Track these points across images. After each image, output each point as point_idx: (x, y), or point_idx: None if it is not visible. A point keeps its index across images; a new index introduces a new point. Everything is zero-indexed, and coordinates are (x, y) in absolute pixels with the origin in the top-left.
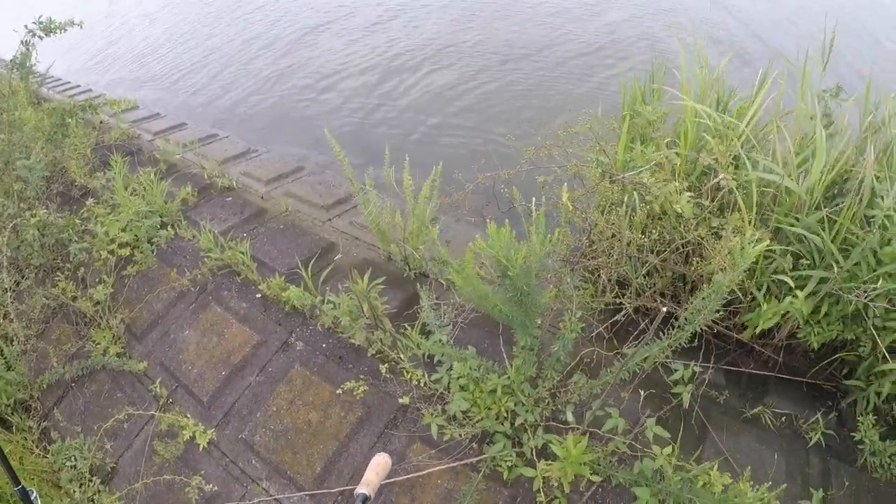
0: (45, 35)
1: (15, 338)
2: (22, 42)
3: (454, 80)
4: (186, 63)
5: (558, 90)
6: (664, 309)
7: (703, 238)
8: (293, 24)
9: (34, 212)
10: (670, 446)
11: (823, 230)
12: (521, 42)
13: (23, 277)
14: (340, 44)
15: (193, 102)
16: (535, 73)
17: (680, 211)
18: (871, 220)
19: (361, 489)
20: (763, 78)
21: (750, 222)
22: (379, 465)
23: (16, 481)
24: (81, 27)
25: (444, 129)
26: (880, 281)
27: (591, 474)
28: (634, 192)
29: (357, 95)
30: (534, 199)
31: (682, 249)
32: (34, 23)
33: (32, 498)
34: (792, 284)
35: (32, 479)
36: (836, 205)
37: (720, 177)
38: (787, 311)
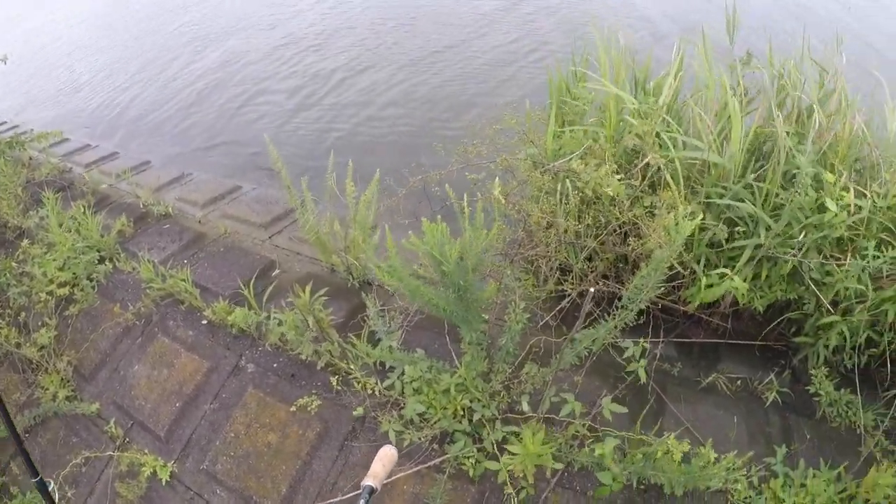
0: None
1: None
2: None
3: (377, 86)
4: (111, 91)
5: (480, 87)
6: (592, 289)
7: (638, 217)
8: (210, 44)
9: None
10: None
11: (753, 195)
12: (443, 42)
13: None
14: (261, 59)
15: (121, 131)
16: (457, 72)
17: (612, 193)
18: (792, 179)
19: (368, 481)
20: (679, 54)
21: (681, 197)
22: (385, 457)
23: (34, 472)
24: (5, 62)
25: (369, 135)
26: (807, 233)
27: (553, 462)
28: (566, 180)
29: (279, 109)
30: (465, 195)
31: (619, 231)
32: None
33: (50, 489)
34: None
35: None
36: (761, 167)
37: (649, 156)
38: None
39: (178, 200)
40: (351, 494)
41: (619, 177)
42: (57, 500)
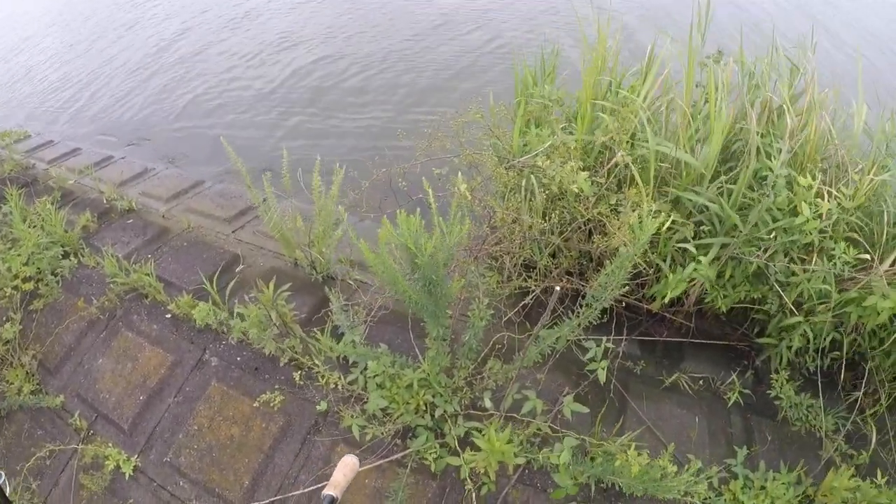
0: None
1: None
2: None
3: (338, 76)
4: (73, 86)
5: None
6: (558, 287)
7: (603, 215)
8: (172, 37)
9: None
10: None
11: (721, 196)
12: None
13: None
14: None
15: (83, 126)
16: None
17: (578, 190)
18: (763, 180)
19: (329, 491)
20: (650, 53)
21: (648, 195)
22: (346, 466)
23: None
24: None
25: (334, 128)
26: (776, 237)
27: (515, 459)
28: (532, 176)
29: (240, 102)
30: (430, 190)
31: (583, 228)
32: None
33: (1, 482)
34: (695, 251)
35: None
36: (730, 168)
37: (618, 154)
38: (694, 279)
39: (142, 195)
40: (312, 487)
41: (585, 174)
42: (9, 493)
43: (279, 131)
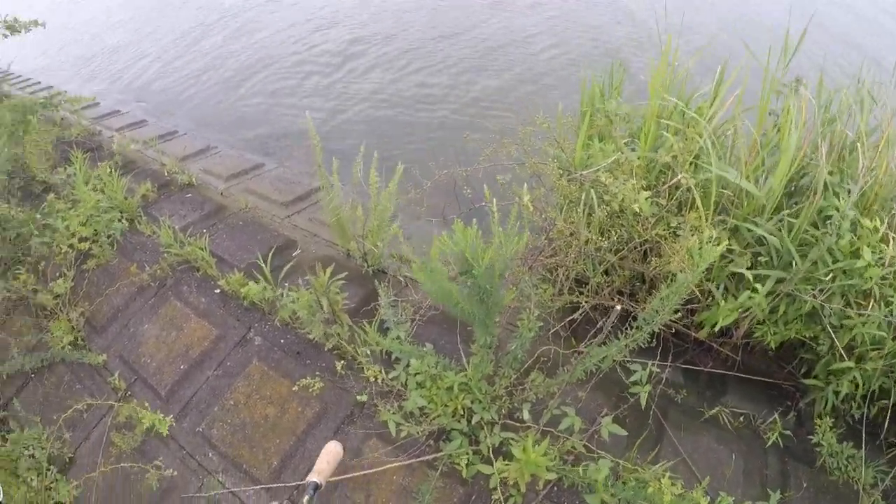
0: (10, 34)
1: None
2: None
3: (417, 75)
4: (147, 61)
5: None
6: (618, 307)
7: (661, 237)
8: (244, 21)
9: None
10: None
11: (781, 230)
12: (486, 35)
13: None
14: (294, 40)
15: (152, 98)
16: (501, 70)
17: (638, 210)
18: (827, 219)
19: (313, 477)
20: (720, 76)
21: (708, 221)
22: (330, 454)
23: None
24: (45, 27)
25: (403, 126)
26: (834, 278)
27: (547, 474)
28: (592, 191)
29: (310, 91)
30: (494, 199)
31: (639, 248)
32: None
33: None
34: (751, 278)
35: None
36: (795, 203)
37: (679, 176)
38: (745, 309)
39: (203, 172)
40: (338, 477)
41: (646, 194)
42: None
43: (347, 123)
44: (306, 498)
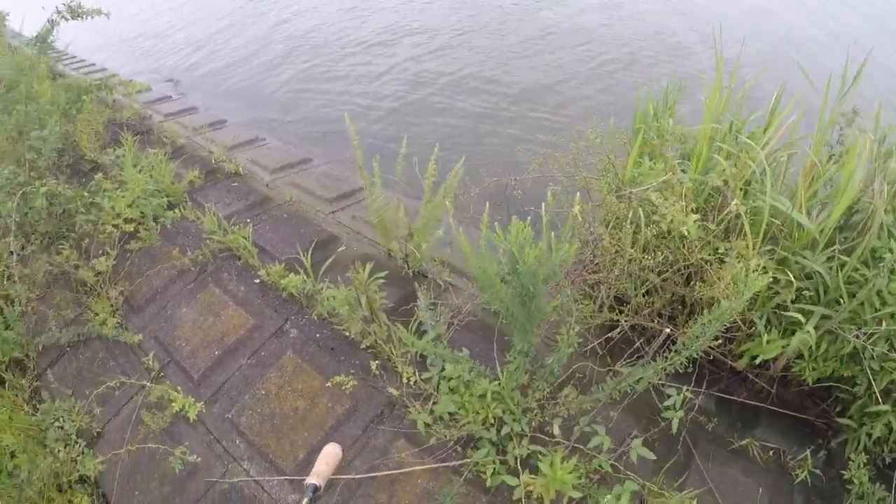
0: (72, 18)
1: (16, 299)
2: (48, 20)
3: (468, 79)
4: (198, 49)
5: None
6: (667, 330)
7: (706, 261)
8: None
9: (44, 181)
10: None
11: (830, 266)
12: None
13: (28, 243)
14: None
15: (203, 87)
16: (557, 76)
17: (685, 232)
18: (880, 260)
19: (312, 479)
20: (775, 102)
21: (755, 249)
22: (329, 456)
23: None
24: (108, 17)
25: (447, 126)
26: (883, 323)
27: (572, 491)
28: (640, 210)
29: (360, 88)
30: (543, 204)
31: (683, 271)
32: (63, 4)
33: None
34: (802, 320)
35: (19, 434)
36: (844, 238)
37: (732, 202)
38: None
39: (250, 162)
40: (363, 475)
41: (695, 217)
42: None
43: (394, 123)
44: (305, 500)
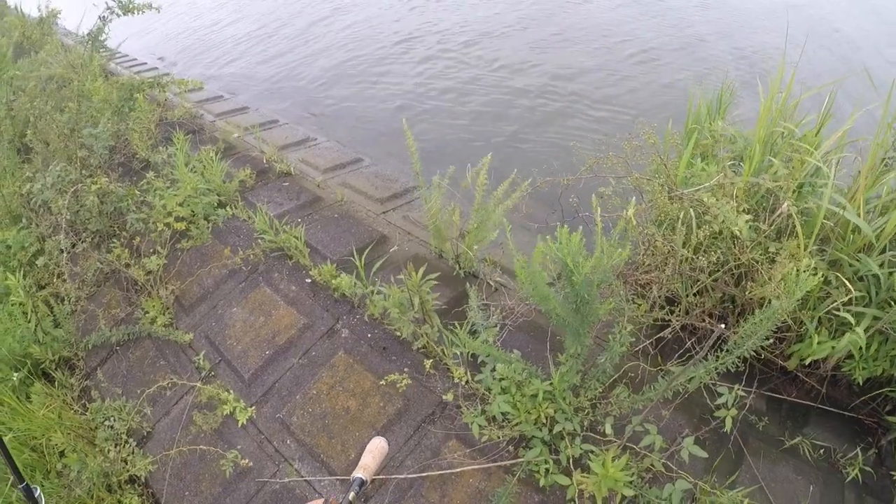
0: (123, 14)
1: (66, 297)
2: (99, 17)
3: (518, 81)
4: (251, 51)
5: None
6: (721, 327)
7: (757, 262)
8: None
9: (95, 179)
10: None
11: (883, 267)
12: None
13: (79, 241)
14: (405, 39)
15: (255, 88)
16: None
17: (737, 232)
18: None
19: (358, 473)
20: (828, 106)
21: (807, 250)
22: (376, 450)
23: (20, 478)
24: (159, 11)
25: (502, 132)
26: None
27: (625, 488)
28: (691, 210)
29: (412, 91)
30: (598, 209)
31: (734, 271)
32: (114, 0)
33: (37, 496)
34: (853, 321)
35: (69, 433)
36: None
37: (785, 203)
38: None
39: (301, 162)
40: (415, 475)
41: (746, 217)
42: None
43: (447, 126)
44: (352, 494)
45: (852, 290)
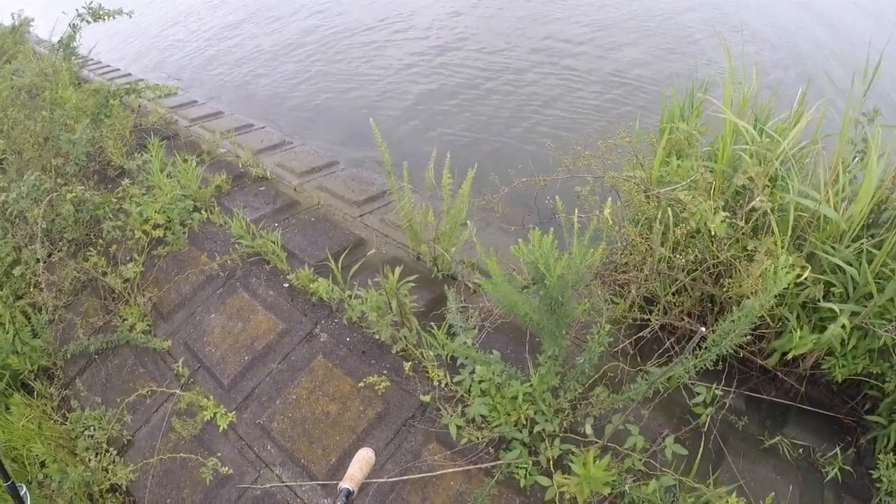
0: (94, 20)
1: (44, 307)
2: (70, 25)
3: (489, 81)
4: (224, 54)
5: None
6: (703, 329)
7: (735, 259)
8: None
9: (71, 188)
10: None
11: (860, 261)
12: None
13: (56, 249)
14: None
15: (230, 92)
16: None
17: (713, 230)
18: None
19: (345, 484)
20: (802, 99)
21: (783, 246)
22: (363, 461)
23: (6, 477)
24: (130, 17)
25: (480, 131)
26: None
27: (605, 489)
28: (668, 209)
29: (392, 96)
30: (576, 210)
31: (712, 269)
32: (84, 7)
33: (22, 494)
34: (837, 310)
35: (49, 443)
36: (872, 235)
37: (756, 198)
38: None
39: (277, 166)
40: (396, 478)
41: (723, 215)
42: None
43: (421, 128)
44: None
45: (826, 279)
